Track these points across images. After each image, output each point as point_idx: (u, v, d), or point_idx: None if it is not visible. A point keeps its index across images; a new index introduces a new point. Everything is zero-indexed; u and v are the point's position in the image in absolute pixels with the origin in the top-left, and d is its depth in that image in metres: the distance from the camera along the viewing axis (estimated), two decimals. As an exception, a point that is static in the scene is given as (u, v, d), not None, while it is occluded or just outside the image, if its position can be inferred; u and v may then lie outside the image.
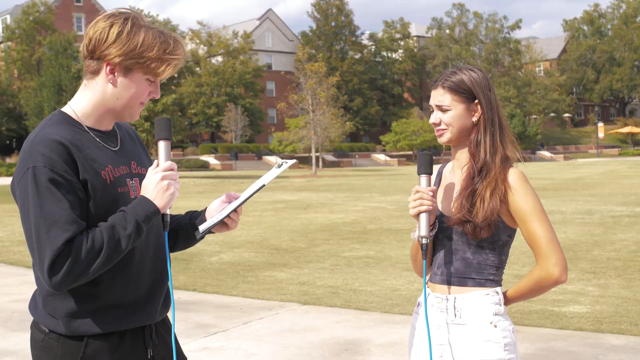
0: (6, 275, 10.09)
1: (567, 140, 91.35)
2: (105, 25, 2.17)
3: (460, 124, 2.52)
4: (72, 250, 2.04)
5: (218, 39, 76.03)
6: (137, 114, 2.28)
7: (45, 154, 2.08)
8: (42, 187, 2.06)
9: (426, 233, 2.46)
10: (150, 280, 2.30)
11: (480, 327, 2.49)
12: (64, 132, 2.16)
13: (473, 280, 2.52)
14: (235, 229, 2.40)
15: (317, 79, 50.74)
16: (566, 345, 6.12)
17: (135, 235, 2.12)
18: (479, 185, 2.49)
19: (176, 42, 2.22)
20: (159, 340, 2.35)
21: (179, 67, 2.26)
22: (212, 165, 58.80)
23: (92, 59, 2.20)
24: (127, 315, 2.23)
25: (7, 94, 67.01)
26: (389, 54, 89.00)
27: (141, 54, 2.16)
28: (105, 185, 2.17)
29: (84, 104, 2.25)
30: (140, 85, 2.22)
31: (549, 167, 51.94)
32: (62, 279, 2.05)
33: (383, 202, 21.72)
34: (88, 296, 2.18)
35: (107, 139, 2.28)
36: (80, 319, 2.18)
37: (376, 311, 7.50)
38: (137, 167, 2.32)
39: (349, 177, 41.42)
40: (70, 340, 2.19)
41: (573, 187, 27.20)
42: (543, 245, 2.45)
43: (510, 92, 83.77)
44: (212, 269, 10.24)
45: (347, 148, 72.94)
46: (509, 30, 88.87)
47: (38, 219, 2.06)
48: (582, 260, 10.22)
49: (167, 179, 2.15)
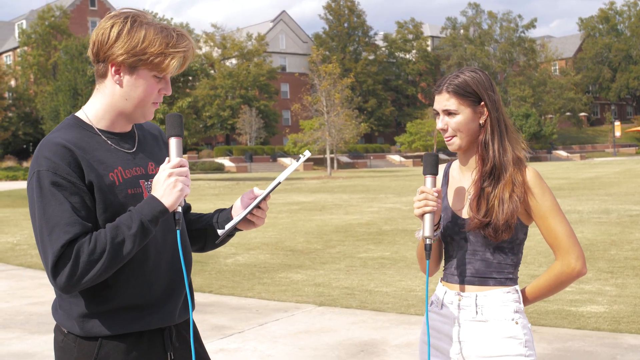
0: (24, 278, 10.16)
1: (583, 140, 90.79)
2: (106, 26, 2.17)
3: (468, 129, 2.53)
4: (74, 252, 2.04)
5: (232, 41, 76.21)
6: (150, 114, 2.26)
7: (49, 158, 2.09)
8: (46, 190, 2.08)
9: (430, 233, 2.48)
10: (168, 281, 2.27)
11: (502, 324, 2.52)
12: (72, 136, 2.17)
13: (494, 279, 2.55)
14: (261, 225, 2.39)
15: (331, 80, 50.72)
16: (583, 346, 6.08)
17: (141, 236, 2.08)
18: (493, 187, 2.50)
19: (180, 35, 2.20)
20: (181, 344, 2.31)
21: (188, 61, 2.22)
22: (227, 168, 58.93)
23: (99, 62, 2.21)
24: (142, 317, 2.21)
25: (23, 99, 67.50)
26: (402, 54, 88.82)
27: (144, 50, 2.14)
28: (113, 187, 2.16)
29: (96, 107, 2.25)
30: (148, 83, 2.20)
31: (565, 166, 51.64)
32: (66, 281, 2.05)
33: (398, 203, 21.68)
34: (101, 298, 2.17)
35: (121, 141, 2.27)
36: (94, 320, 2.18)
37: (392, 312, 7.49)
38: (155, 168, 2.30)
39: (363, 178, 41.38)
40: (86, 341, 2.20)
41: (590, 186, 27.03)
42: (564, 240, 2.51)
43: (526, 91, 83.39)
44: (227, 271, 10.27)
45: (362, 149, 72.86)
46: (524, 30, 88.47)
47: (41, 222, 2.07)
48: (600, 260, 10.16)
49: (175, 176, 2.11)
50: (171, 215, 2.18)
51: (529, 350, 2.52)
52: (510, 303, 2.54)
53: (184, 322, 2.35)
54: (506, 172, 2.50)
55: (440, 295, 2.65)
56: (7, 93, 66.02)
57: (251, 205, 2.32)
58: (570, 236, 2.51)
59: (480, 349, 2.54)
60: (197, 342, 2.39)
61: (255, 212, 2.35)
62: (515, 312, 2.53)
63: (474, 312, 2.55)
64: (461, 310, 2.57)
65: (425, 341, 2.69)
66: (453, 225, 2.58)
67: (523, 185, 2.50)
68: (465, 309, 2.57)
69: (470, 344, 2.55)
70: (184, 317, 2.34)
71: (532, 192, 2.50)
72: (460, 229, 2.56)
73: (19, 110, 66.97)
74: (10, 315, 7.73)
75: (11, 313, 7.85)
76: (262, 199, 2.32)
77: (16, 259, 11.95)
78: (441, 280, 2.70)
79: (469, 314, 2.56)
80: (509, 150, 2.53)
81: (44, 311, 7.87)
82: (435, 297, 2.69)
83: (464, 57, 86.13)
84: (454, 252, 2.61)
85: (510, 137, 2.56)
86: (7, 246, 13.65)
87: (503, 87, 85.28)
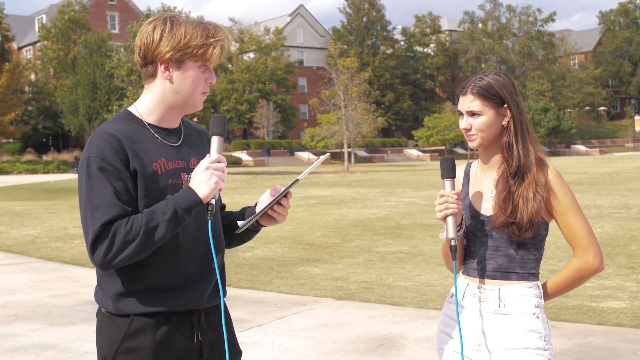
0: (44, 270, 10.25)
1: (602, 134, 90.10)
2: (149, 29, 2.35)
3: (490, 129, 2.61)
4: (112, 231, 2.20)
5: (250, 35, 76.29)
6: (200, 103, 2.42)
7: (99, 145, 2.28)
8: (93, 174, 2.26)
9: (454, 235, 2.53)
10: (198, 267, 2.40)
11: (524, 318, 2.58)
12: (122, 127, 2.35)
13: (517, 274, 2.61)
14: (283, 221, 2.51)
15: (349, 74, 50.66)
16: (604, 341, 6.04)
17: (175, 222, 2.24)
18: (517, 187, 2.59)
19: (215, 26, 2.38)
20: (209, 326, 2.45)
21: (225, 49, 2.39)
22: (244, 162, 59.08)
23: (147, 65, 2.38)
24: (172, 298, 2.35)
25: (43, 93, 68.03)
26: (421, 48, 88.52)
27: (187, 44, 2.32)
28: (155, 176, 2.32)
29: (147, 103, 2.42)
30: (195, 74, 2.37)
31: (584, 161, 51.30)
32: (102, 258, 2.21)
33: (416, 198, 21.64)
34: (135, 278, 2.33)
35: (168, 135, 2.43)
36: (127, 299, 2.33)
37: (410, 306, 7.48)
38: (196, 163, 2.43)
39: (381, 173, 41.33)
40: (119, 318, 2.35)
41: (609, 181, 26.83)
42: (583, 237, 2.60)
43: (545, 85, 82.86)
44: (246, 265, 10.30)
45: (379, 143, 72.77)
46: (543, 23, 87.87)
47: (86, 202, 2.26)
48: (620, 255, 10.09)
49: (212, 170, 2.25)
50: (204, 206, 2.31)
51: (548, 345, 2.59)
52: (532, 298, 2.60)
53: (214, 307, 2.48)
54: (530, 172, 2.59)
55: (461, 288, 2.70)
56: (27, 87, 66.59)
57: (271, 201, 2.44)
58: (589, 233, 2.60)
59: (502, 341, 2.59)
60: (227, 327, 2.49)
61: (276, 208, 2.48)
62: (536, 307, 2.60)
63: (496, 305, 2.61)
64: (483, 303, 2.63)
65: (444, 331, 2.75)
66: (476, 222, 2.65)
67: (546, 185, 2.59)
68: (488, 302, 2.62)
69: (492, 336, 2.61)
70: (214, 302, 2.47)
71: (553, 191, 2.59)
72: (483, 227, 2.63)
73: (39, 104, 67.51)
74: (32, 307, 7.80)
75: (33, 305, 7.92)
76: (282, 196, 2.44)
77: (37, 252, 12.06)
78: (462, 274, 2.74)
79: (491, 306, 2.61)
80: (531, 151, 2.61)
81: (64, 303, 7.95)
82: (457, 289, 2.72)
83: (482, 51, 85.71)
84: (476, 248, 2.67)
85: (531, 138, 2.64)
86: (28, 239, 13.78)
87: (521, 81, 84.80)
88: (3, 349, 6.17)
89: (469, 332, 2.64)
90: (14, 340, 6.43)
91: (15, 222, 16.82)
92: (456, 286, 2.63)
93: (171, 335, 2.36)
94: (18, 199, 25.16)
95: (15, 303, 8.01)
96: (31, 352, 6.07)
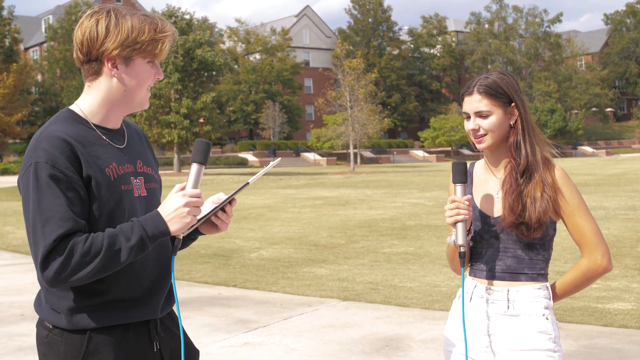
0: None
1: (609, 135, 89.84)
2: (91, 23, 2.18)
3: (500, 129, 2.57)
4: (67, 248, 2.04)
5: (256, 36, 76.35)
6: (146, 101, 2.29)
7: (48, 150, 2.09)
8: (42, 183, 2.07)
9: (463, 242, 2.51)
10: (153, 276, 2.29)
11: (534, 319, 2.55)
12: (70, 129, 2.17)
13: (526, 275, 2.58)
14: (224, 230, 2.35)
15: (355, 75, 50.64)
16: (610, 343, 6.03)
17: (138, 250, 2.10)
18: (525, 187, 2.55)
19: (162, 20, 2.24)
20: (165, 333, 2.35)
21: (172, 44, 2.26)
22: (250, 162, 59.13)
23: (90, 62, 2.21)
24: (129, 310, 2.23)
25: (49, 93, 68.20)
26: (427, 49, 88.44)
27: (135, 39, 2.17)
28: (109, 182, 2.17)
29: (90, 102, 2.26)
30: (144, 70, 2.23)
31: (591, 162, 51.17)
32: (53, 276, 2.04)
33: (422, 199, 21.62)
34: (91, 292, 2.18)
35: (114, 137, 2.28)
36: (82, 314, 2.18)
37: (416, 307, 7.47)
38: (142, 165, 2.32)
39: (387, 174, 41.31)
40: (74, 335, 2.18)
41: (616, 182, 26.75)
42: (591, 237, 2.57)
43: (551, 86, 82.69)
44: (252, 265, 10.31)
45: (385, 144, 72.74)
46: (550, 24, 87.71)
47: (35, 214, 2.07)
48: (627, 257, 10.06)
49: (190, 207, 2.12)
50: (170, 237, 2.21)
51: (557, 346, 2.56)
52: (541, 299, 2.57)
53: (166, 314, 2.39)
54: (537, 171, 2.56)
55: (469, 290, 2.67)
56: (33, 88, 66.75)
57: (215, 207, 2.27)
58: (597, 233, 2.58)
59: (511, 343, 2.56)
60: (177, 328, 2.41)
61: (220, 215, 2.31)
62: (545, 308, 2.57)
63: (505, 306, 2.57)
64: (491, 304, 2.60)
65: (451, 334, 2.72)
66: (482, 224, 2.61)
67: (553, 185, 2.56)
68: (496, 303, 2.59)
69: (501, 337, 2.58)
70: (167, 310, 2.37)
71: (561, 191, 2.56)
72: (490, 228, 2.59)
73: (45, 104, 67.66)
74: (38, 307, 7.81)
75: (39, 305, 7.93)
76: (227, 202, 2.28)
77: (43, 252, 12.08)
78: (469, 275, 2.71)
79: (500, 308, 2.58)
80: (538, 151, 2.58)
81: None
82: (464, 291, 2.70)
83: (489, 52, 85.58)
84: (483, 250, 2.64)
85: (537, 137, 2.61)
86: (34, 239, 13.80)
87: (528, 82, 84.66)
88: (10, 349, 6.19)
89: (477, 334, 2.61)
90: (20, 340, 6.45)
91: (22, 222, 16.85)
92: (463, 292, 2.60)
93: (133, 348, 2.24)
94: (25, 199, 25.20)
95: (22, 303, 8.03)
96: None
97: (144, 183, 2.30)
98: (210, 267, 10.14)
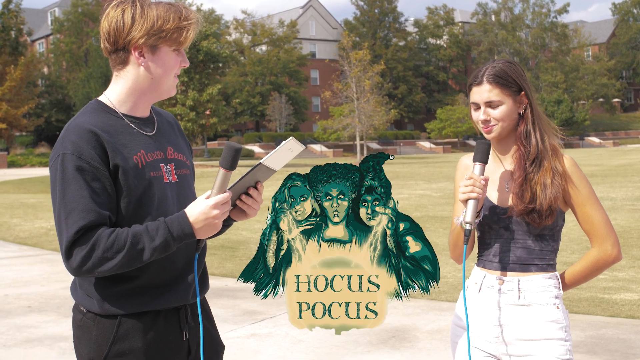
0: (58, 262, 10.31)
1: (616, 126, 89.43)
2: (117, 13, 2.20)
3: (510, 118, 2.56)
4: (91, 242, 2.08)
5: (262, 28, 76.23)
6: (173, 88, 2.32)
7: (75, 142, 2.13)
8: (68, 174, 2.11)
9: (471, 219, 2.48)
10: (183, 262, 2.31)
11: (544, 309, 2.55)
12: (97, 120, 2.20)
13: (536, 265, 2.58)
14: (254, 216, 2.34)
15: (362, 67, 50.55)
16: (617, 333, 6.02)
17: (162, 250, 2.12)
18: (535, 174, 2.53)
19: (186, 8, 2.27)
20: (196, 323, 2.35)
21: (197, 31, 2.29)
22: (257, 154, 59.13)
23: (117, 51, 2.24)
24: (160, 296, 2.25)
25: (56, 86, 68.28)
26: (433, 40, 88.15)
27: (160, 28, 2.20)
28: (137, 170, 2.19)
29: (119, 91, 2.28)
30: (170, 58, 2.26)
31: (598, 153, 51.01)
32: (77, 267, 2.09)
33: (428, 190, 21.60)
34: (122, 277, 2.20)
35: (143, 125, 2.30)
36: (114, 299, 2.21)
37: (423, 298, 7.47)
38: (173, 152, 2.34)
39: (393, 165, 41.26)
40: (105, 319, 2.22)
41: (623, 173, 26.67)
42: (601, 227, 2.56)
43: (558, 77, 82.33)
44: (258, 257, 10.30)
45: (392, 136, 72.61)
46: (556, 15, 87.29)
47: (60, 205, 2.12)
48: (634, 248, 10.04)
49: (220, 218, 2.14)
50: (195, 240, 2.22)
51: (568, 335, 2.56)
52: (551, 288, 2.56)
53: (194, 303, 2.38)
54: (546, 159, 2.55)
55: (478, 280, 2.65)
56: (40, 80, 66.84)
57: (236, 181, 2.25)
58: (607, 223, 2.56)
59: (522, 333, 2.55)
60: (208, 320, 2.43)
61: (246, 200, 2.31)
62: (555, 298, 2.56)
63: (516, 296, 2.57)
64: (502, 295, 2.59)
65: (458, 325, 2.71)
66: (491, 214, 2.59)
67: (563, 174, 2.54)
68: (507, 293, 2.58)
69: (512, 327, 2.57)
70: (203, 293, 2.39)
71: (571, 179, 2.55)
72: (500, 217, 2.58)
73: (52, 97, 67.74)
74: (46, 299, 7.85)
75: (47, 297, 7.97)
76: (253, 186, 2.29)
77: (50, 244, 12.13)
78: (477, 266, 2.70)
79: (511, 298, 2.57)
80: (547, 139, 2.57)
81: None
82: (472, 281, 2.70)
83: (495, 42, 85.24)
84: (491, 240, 2.62)
85: (545, 125, 2.60)
86: (42, 231, 13.86)
87: (535, 73, 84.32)
88: (17, 340, 6.22)
89: (488, 325, 2.60)
90: (28, 332, 6.48)
91: (29, 215, 16.91)
92: (465, 271, 2.58)
93: (162, 335, 2.25)
94: (31, 191, 25.28)
95: (30, 295, 8.07)
96: (45, 344, 6.11)
97: (175, 169, 2.32)
98: (217, 259, 10.15)
